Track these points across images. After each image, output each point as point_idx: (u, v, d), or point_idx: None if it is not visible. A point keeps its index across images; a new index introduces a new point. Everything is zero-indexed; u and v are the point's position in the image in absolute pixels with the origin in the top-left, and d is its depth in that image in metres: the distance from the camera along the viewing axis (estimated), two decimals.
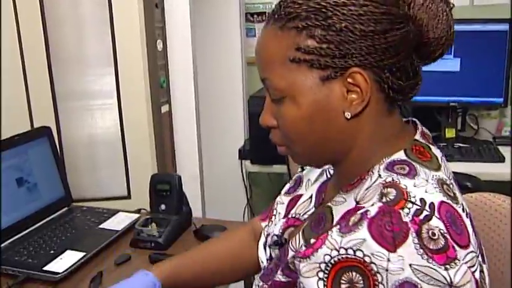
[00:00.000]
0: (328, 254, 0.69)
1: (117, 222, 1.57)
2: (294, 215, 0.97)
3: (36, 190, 1.59)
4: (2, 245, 1.43)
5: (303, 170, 1.06)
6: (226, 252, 1.13)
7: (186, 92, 2.05)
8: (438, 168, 0.76)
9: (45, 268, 1.31)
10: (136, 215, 1.62)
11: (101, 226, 1.56)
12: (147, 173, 1.65)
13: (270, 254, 1.00)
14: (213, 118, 2.46)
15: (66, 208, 1.68)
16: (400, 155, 0.77)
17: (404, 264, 0.63)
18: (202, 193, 2.14)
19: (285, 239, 0.95)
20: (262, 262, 1.02)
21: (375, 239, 0.65)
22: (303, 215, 0.95)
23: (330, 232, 0.70)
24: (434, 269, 0.63)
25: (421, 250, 0.63)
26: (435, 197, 0.69)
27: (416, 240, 0.64)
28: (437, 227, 0.65)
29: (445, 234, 0.65)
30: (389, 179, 0.72)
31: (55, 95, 1.78)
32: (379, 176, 0.75)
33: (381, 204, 0.68)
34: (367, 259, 0.65)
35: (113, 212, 1.64)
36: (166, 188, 1.51)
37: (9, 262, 1.35)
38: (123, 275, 1.31)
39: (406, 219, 0.65)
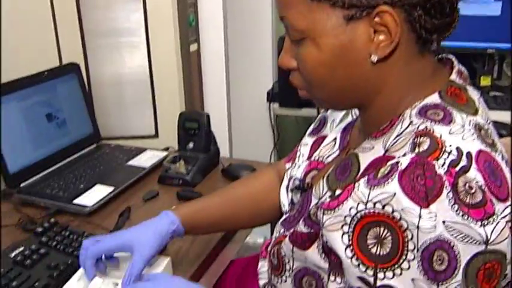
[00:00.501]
0: (354, 208, 0.65)
1: (145, 160, 1.58)
2: (317, 158, 0.94)
3: (65, 126, 1.59)
4: (33, 178, 1.45)
5: (327, 109, 1.03)
6: (249, 197, 1.11)
7: (215, 31, 2.01)
8: (475, 112, 0.71)
9: (75, 201, 1.33)
10: (164, 153, 1.62)
11: (129, 163, 1.56)
12: (175, 112, 1.64)
13: (292, 198, 0.98)
14: (241, 59, 2.42)
15: (94, 145, 1.69)
16: (434, 98, 0.72)
17: (437, 222, 0.59)
18: (230, 134, 2.13)
19: (308, 183, 0.93)
20: (283, 206, 1.00)
21: (406, 193, 0.61)
22: (326, 158, 0.92)
23: (356, 184, 0.66)
24: (469, 226, 0.60)
25: (456, 206, 0.60)
26: (473, 145, 0.65)
27: (451, 195, 0.60)
28: (474, 179, 0.61)
29: (483, 187, 0.61)
30: (422, 127, 0.67)
31: (83, 32, 1.76)
32: (411, 122, 0.70)
33: (413, 155, 0.63)
34: (396, 215, 0.61)
35: (141, 150, 1.65)
36: (194, 126, 1.50)
37: (40, 194, 1.38)
38: (150, 211, 1.33)
39: (441, 171, 0.61)
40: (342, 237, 0.66)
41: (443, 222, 0.59)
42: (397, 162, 0.64)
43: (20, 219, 1.30)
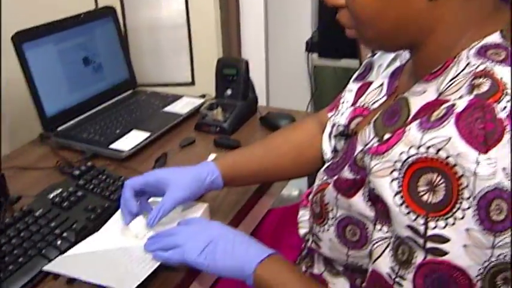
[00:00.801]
0: (405, 152, 0.60)
1: (182, 106, 1.55)
2: (362, 104, 0.89)
3: (102, 71, 1.57)
4: (70, 122, 1.44)
5: (373, 55, 0.97)
6: (291, 147, 1.07)
7: None
8: None
9: (111, 146, 1.32)
10: (201, 100, 1.58)
11: (165, 109, 1.54)
12: (212, 58, 1.59)
13: (335, 145, 0.94)
14: (280, 7, 2.34)
15: (130, 91, 1.67)
16: (495, 37, 0.65)
17: (496, 168, 0.55)
18: (267, 83, 2.08)
19: (352, 130, 0.88)
20: (325, 154, 0.96)
21: (463, 137, 0.56)
22: (372, 104, 0.87)
23: (407, 127, 0.62)
24: None
25: None
26: None
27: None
28: None
29: None
30: (481, 67, 0.62)
31: None
32: (468, 63, 0.64)
33: (471, 97, 0.58)
34: (451, 160, 0.56)
35: (177, 97, 1.62)
36: (233, 73, 1.45)
37: (77, 138, 1.37)
38: (187, 157, 1.31)
39: (502, 115, 0.56)
40: (391, 183, 0.62)
41: (504, 169, 0.55)
42: (453, 105, 0.59)
43: (57, 162, 1.29)
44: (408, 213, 0.60)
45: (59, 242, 0.96)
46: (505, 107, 0.57)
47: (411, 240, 0.61)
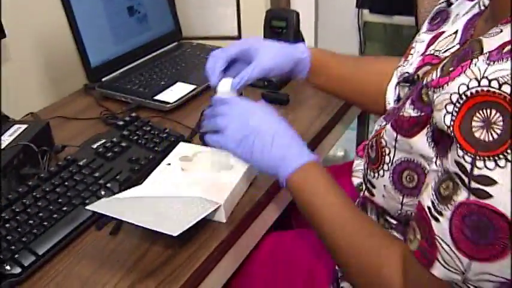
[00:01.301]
0: (465, 84, 0.56)
1: None
2: (432, 52, 0.81)
3: (147, 21, 1.52)
4: (114, 73, 1.41)
5: (449, 4, 0.88)
6: (376, 73, 1.00)
7: None
8: None
9: (156, 97, 1.28)
10: None
11: None
12: (260, 11, 1.52)
13: (399, 93, 0.87)
14: None
15: (175, 43, 1.62)
16: None
17: None
18: (316, 37, 2.00)
19: (418, 76, 0.81)
20: (388, 104, 0.90)
21: None
22: (443, 52, 0.78)
23: (474, 60, 0.57)
24: None
25: None
26: None
27: None
28: None
29: None
30: None
31: None
32: None
33: None
34: None
35: None
36: (282, 25, 1.38)
37: (121, 89, 1.34)
38: None
39: None
40: (444, 117, 0.58)
41: None
42: None
43: (101, 113, 1.27)
44: (458, 148, 0.56)
45: (102, 193, 0.94)
46: None
47: (457, 176, 0.57)
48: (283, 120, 0.82)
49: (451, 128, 0.57)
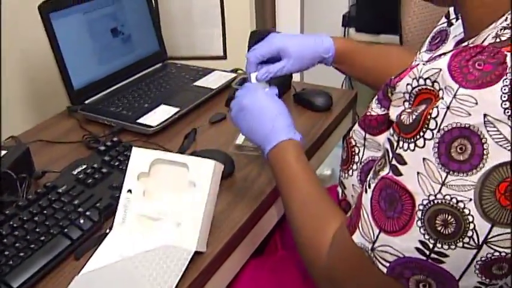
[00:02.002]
0: (409, 84, 0.63)
1: (213, 81, 1.49)
2: None
3: (131, 42, 1.52)
4: (98, 95, 1.39)
5: (450, 24, 0.88)
6: (384, 70, 1.03)
7: None
8: None
9: (139, 120, 1.27)
10: (233, 75, 1.52)
11: (195, 83, 1.48)
12: (245, 31, 1.52)
13: None
14: None
15: (160, 63, 1.61)
16: None
17: (475, 110, 0.53)
18: None
19: None
20: None
21: (450, 70, 0.56)
22: None
23: (421, 62, 0.63)
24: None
25: (508, 104, 0.51)
26: None
27: (506, 90, 0.51)
28: None
29: None
30: None
31: None
32: (506, 18, 0.59)
33: (487, 43, 0.57)
34: (440, 93, 0.57)
35: (209, 71, 1.55)
36: None
37: (104, 112, 1.32)
38: (217, 134, 1.26)
39: (510, 63, 0.53)
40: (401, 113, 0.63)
41: (485, 115, 0.52)
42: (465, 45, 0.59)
43: (84, 136, 1.25)
44: (391, 128, 0.63)
45: (81, 221, 0.92)
46: None
47: (387, 153, 0.63)
48: (276, 102, 0.92)
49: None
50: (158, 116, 1.29)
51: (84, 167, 1.07)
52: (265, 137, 0.88)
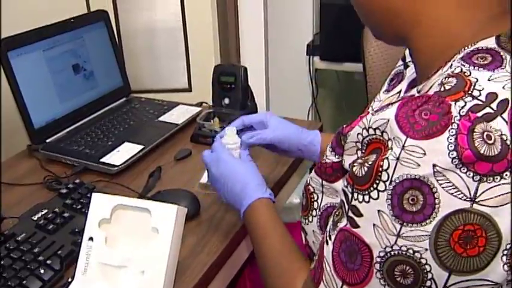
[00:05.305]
0: (360, 134, 0.63)
1: (177, 116, 1.47)
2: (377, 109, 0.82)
3: (93, 78, 1.49)
4: (59, 134, 1.36)
5: (406, 66, 0.89)
6: None
7: None
8: None
9: (102, 160, 1.24)
10: (198, 109, 1.51)
11: (160, 119, 1.46)
12: (210, 64, 1.52)
13: None
14: (280, 9, 2.27)
15: (124, 98, 1.59)
16: (489, 42, 0.61)
17: (423, 160, 0.53)
18: (267, 89, 2.01)
19: None
20: None
21: (397, 120, 0.56)
22: None
23: (370, 111, 0.63)
24: (461, 177, 0.52)
25: (455, 153, 0.52)
26: None
27: (453, 139, 0.52)
28: (499, 130, 0.52)
29: (508, 142, 0.52)
30: (457, 70, 0.59)
31: None
32: (451, 65, 0.60)
33: (432, 93, 0.57)
34: (389, 143, 0.57)
35: (173, 105, 1.54)
36: (230, 81, 1.37)
37: (66, 152, 1.29)
38: (183, 171, 1.24)
39: (455, 113, 0.53)
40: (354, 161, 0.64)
41: (434, 166, 0.53)
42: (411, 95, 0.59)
43: (45, 178, 1.22)
44: (345, 179, 0.63)
45: (42, 271, 0.88)
46: (463, 107, 0.54)
47: (343, 204, 0.64)
48: (245, 164, 0.95)
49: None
50: (122, 154, 1.27)
51: (45, 211, 1.03)
52: (239, 200, 0.90)
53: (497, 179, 0.52)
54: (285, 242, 0.83)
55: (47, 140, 1.33)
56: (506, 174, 0.52)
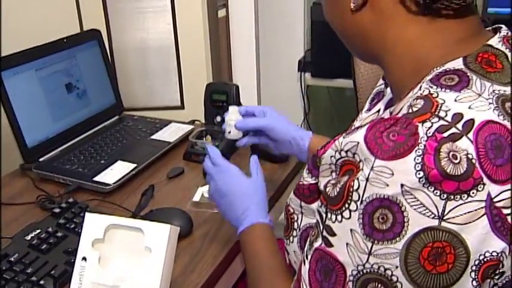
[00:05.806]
0: (333, 156, 0.65)
1: (170, 134, 1.48)
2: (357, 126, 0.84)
3: (86, 97, 1.50)
4: (52, 152, 1.37)
5: (387, 85, 0.91)
6: None
7: None
8: (508, 83, 0.61)
9: (95, 178, 1.25)
10: (190, 127, 1.52)
11: (153, 137, 1.47)
12: (202, 81, 1.53)
13: None
14: (272, 27, 2.29)
15: (117, 117, 1.60)
16: (456, 63, 0.62)
17: (392, 180, 0.55)
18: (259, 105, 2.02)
19: None
20: None
21: (366, 142, 0.58)
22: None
23: (343, 134, 0.65)
24: (428, 196, 0.54)
25: (422, 173, 0.53)
26: (481, 114, 0.56)
27: (419, 160, 0.54)
28: (465, 150, 0.54)
29: (473, 160, 0.54)
30: (425, 92, 0.60)
31: None
32: (420, 87, 0.62)
33: (400, 115, 0.58)
34: (360, 164, 0.59)
35: (166, 123, 1.55)
36: (222, 99, 1.39)
37: (59, 170, 1.30)
38: (175, 189, 1.25)
39: (422, 133, 0.55)
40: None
41: (402, 185, 0.55)
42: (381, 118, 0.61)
43: (38, 197, 1.22)
44: (319, 199, 0.66)
45: None
46: (429, 127, 0.55)
47: (317, 224, 0.65)
48: (255, 184, 0.94)
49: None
50: (115, 172, 1.27)
51: (38, 231, 1.04)
52: (239, 220, 0.90)
53: (464, 197, 0.54)
54: (277, 264, 0.83)
55: (40, 159, 1.34)
56: (472, 192, 0.54)
